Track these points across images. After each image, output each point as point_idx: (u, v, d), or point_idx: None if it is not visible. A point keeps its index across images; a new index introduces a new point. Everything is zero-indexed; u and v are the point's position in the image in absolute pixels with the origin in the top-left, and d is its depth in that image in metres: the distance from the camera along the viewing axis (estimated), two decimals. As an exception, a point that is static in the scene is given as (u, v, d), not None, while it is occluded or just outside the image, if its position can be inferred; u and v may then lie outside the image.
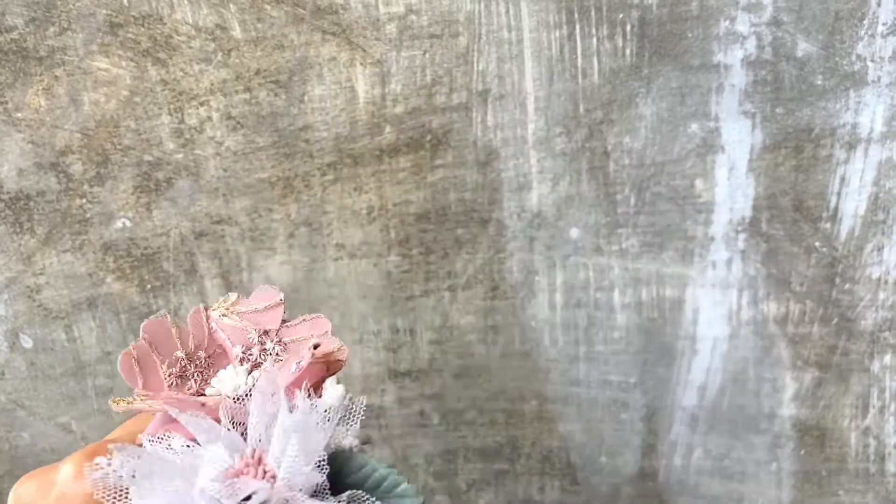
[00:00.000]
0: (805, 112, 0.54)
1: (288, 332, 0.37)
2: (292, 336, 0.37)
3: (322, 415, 0.32)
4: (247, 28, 0.53)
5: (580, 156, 0.56)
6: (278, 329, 0.37)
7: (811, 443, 0.62)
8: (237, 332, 0.37)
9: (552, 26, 0.53)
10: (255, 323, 0.37)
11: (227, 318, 0.37)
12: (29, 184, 0.56)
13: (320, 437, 0.31)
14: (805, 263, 0.57)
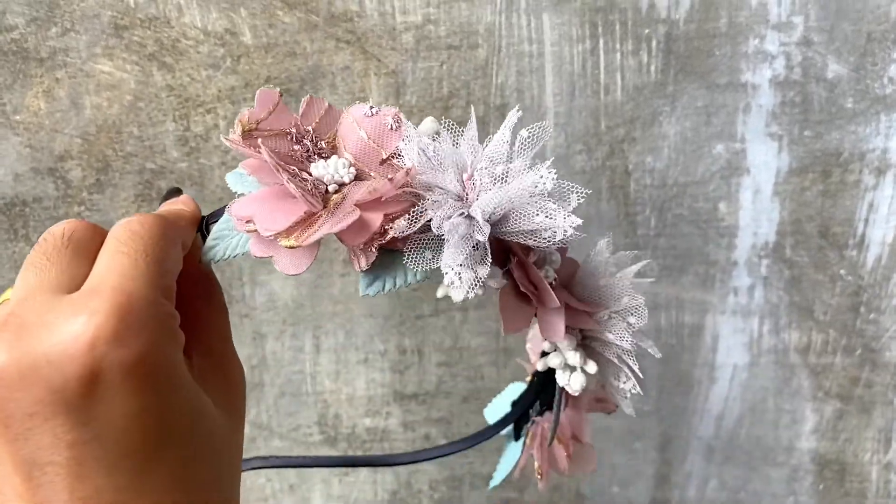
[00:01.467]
0: (834, 135, 0.52)
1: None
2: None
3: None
4: (258, 34, 0.51)
5: (600, 174, 0.54)
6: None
7: (830, 477, 0.60)
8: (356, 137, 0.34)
9: (575, 40, 0.51)
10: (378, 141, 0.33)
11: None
12: (25, 189, 0.54)
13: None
14: (829, 292, 0.55)
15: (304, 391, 0.60)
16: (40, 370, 0.24)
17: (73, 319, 0.24)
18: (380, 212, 0.30)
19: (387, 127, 0.33)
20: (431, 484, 0.63)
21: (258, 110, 0.33)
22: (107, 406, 0.24)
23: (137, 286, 0.26)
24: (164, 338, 0.26)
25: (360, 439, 0.62)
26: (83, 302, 0.25)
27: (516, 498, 0.63)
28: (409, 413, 0.61)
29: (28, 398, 0.24)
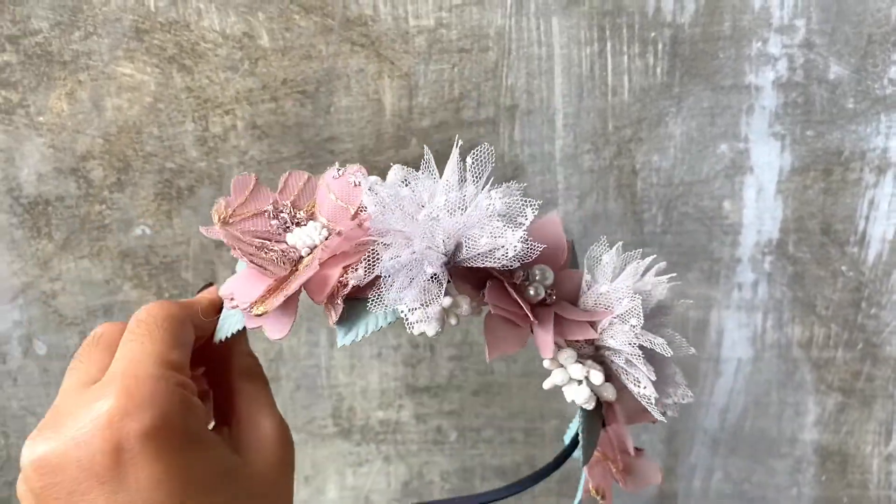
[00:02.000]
0: (835, 135, 0.53)
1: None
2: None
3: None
4: (275, 37, 0.52)
5: (608, 173, 0.55)
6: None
7: (833, 469, 0.61)
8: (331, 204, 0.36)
9: (583, 43, 0.52)
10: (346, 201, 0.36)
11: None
12: (48, 188, 0.56)
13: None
14: (831, 287, 0.57)
15: (319, 384, 0.62)
16: (71, 453, 0.28)
17: (94, 405, 0.28)
18: (339, 265, 0.32)
19: (351, 184, 0.35)
20: (443, 475, 0.65)
21: (234, 197, 0.36)
22: (133, 474, 0.28)
23: (143, 366, 0.30)
24: (175, 405, 0.29)
25: (374, 431, 0.63)
26: (100, 389, 0.29)
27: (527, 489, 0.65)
28: (421, 406, 0.62)
29: (66, 479, 0.28)
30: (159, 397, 0.29)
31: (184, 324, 0.34)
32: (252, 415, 0.35)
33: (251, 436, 0.34)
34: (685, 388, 0.34)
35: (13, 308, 0.59)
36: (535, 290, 0.33)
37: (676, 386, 0.34)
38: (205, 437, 0.30)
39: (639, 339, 0.33)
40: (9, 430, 0.62)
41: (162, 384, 0.29)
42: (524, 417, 0.62)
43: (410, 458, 0.64)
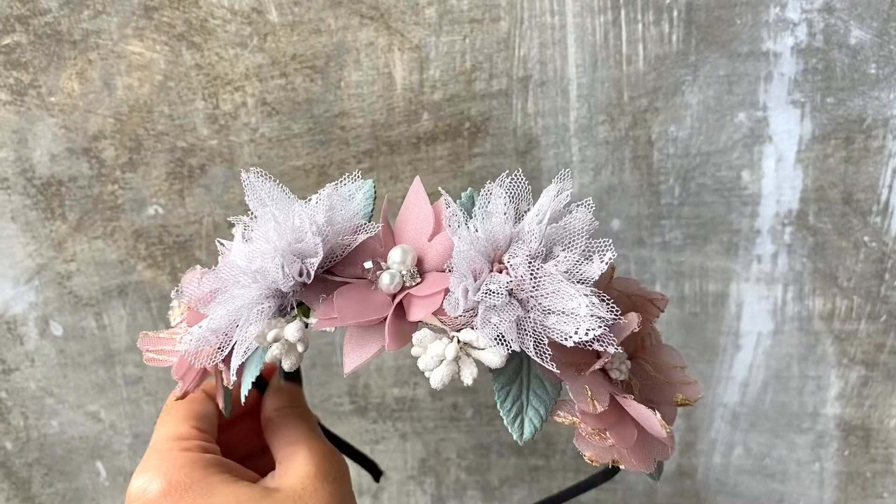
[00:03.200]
0: (857, 102, 0.52)
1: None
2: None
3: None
4: (283, 12, 0.52)
5: (623, 145, 0.54)
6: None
7: (856, 443, 0.60)
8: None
9: (597, 11, 0.51)
10: None
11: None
12: (61, 169, 0.56)
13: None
14: (853, 258, 0.55)
15: (334, 362, 0.61)
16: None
17: (132, 484, 0.35)
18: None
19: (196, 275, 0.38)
20: (459, 452, 0.64)
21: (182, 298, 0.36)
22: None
23: (158, 439, 0.37)
24: (180, 466, 0.35)
25: (390, 409, 0.63)
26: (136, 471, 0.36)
27: (543, 465, 0.64)
28: (436, 383, 0.62)
29: None
30: (165, 465, 0.35)
31: (195, 400, 0.40)
32: (286, 450, 0.38)
33: (284, 467, 0.37)
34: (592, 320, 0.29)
35: (29, 289, 0.59)
36: (389, 279, 0.32)
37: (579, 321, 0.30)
38: (217, 481, 0.35)
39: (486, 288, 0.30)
40: (27, 411, 0.63)
41: (167, 454, 0.35)
42: (541, 394, 0.61)
43: (427, 435, 0.64)
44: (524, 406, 0.31)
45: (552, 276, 0.30)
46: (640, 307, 0.34)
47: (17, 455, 0.64)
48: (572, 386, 0.31)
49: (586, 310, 0.29)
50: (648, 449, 0.32)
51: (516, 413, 0.31)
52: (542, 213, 0.31)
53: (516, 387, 0.32)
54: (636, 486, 0.64)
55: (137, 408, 0.63)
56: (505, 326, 0.29)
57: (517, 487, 0.65)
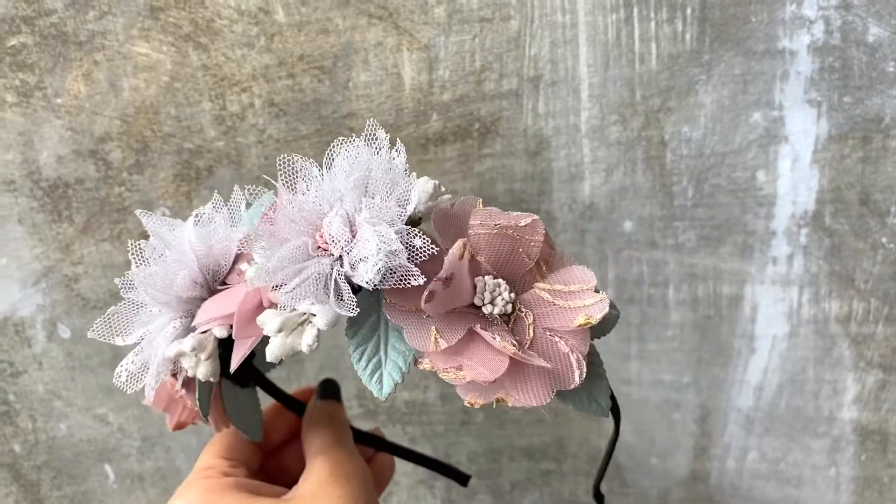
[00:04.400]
0: (875, 101, 0.51)
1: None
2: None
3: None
4: (290, 12, 0.51)
5: (636, 145, 0.53)
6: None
7: (872, 448, 0.59)
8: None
9: (608, 9, 0.50)
10: None
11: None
12: (68, 171, 0.55)
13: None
14: (870, 260, 0.54)
15: (342, 365, 0.61)
16: None
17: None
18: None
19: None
20: (470, 456, 0.64)
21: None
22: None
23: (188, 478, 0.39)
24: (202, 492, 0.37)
25: (400, 412, 0.62)
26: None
27: (554, 469, 0.63)
28: (447, 386, 0.61)
29: None
30: (188, 493, 0.37)
31: (224, 435, 0.42)
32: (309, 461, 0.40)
33: (302, 477, 0.39)
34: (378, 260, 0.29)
35: (36, 292, 0.58)
36: (254, 272, 0.32)
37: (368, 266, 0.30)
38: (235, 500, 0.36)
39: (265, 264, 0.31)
40: (36, 414, 0.62)
41: (191, 484, 0.38)
42: (552, 397, 0.61)
43: (437, 438, 0.63)
44: (383, 362, 0.31)
45: (363, 226, 0.30)
46: (517, 237, 0.33)
47: (25, 458, 0.64)
48: (417, 332, 0.30)
49: (376, 249, 0.29)
50: (537, 379, 0.31)
51: (373, 370, 0.31)
52: (352, 168, 0.31)
53: (373, 344, 0.31)
54: (650, 491, 0.63)
55: (145, 411, 0.62)
56: (305, 285, 0.30)
57: (528, 491, 0.65)
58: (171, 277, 0.34)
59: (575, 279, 0.32)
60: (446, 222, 0.32)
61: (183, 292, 0.34)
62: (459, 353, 0.30)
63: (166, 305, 0.34)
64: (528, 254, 0.32)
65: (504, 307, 0.31)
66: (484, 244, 0.31)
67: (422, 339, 0.30)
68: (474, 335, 0.31)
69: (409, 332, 0.30)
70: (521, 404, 0.31)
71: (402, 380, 0.31)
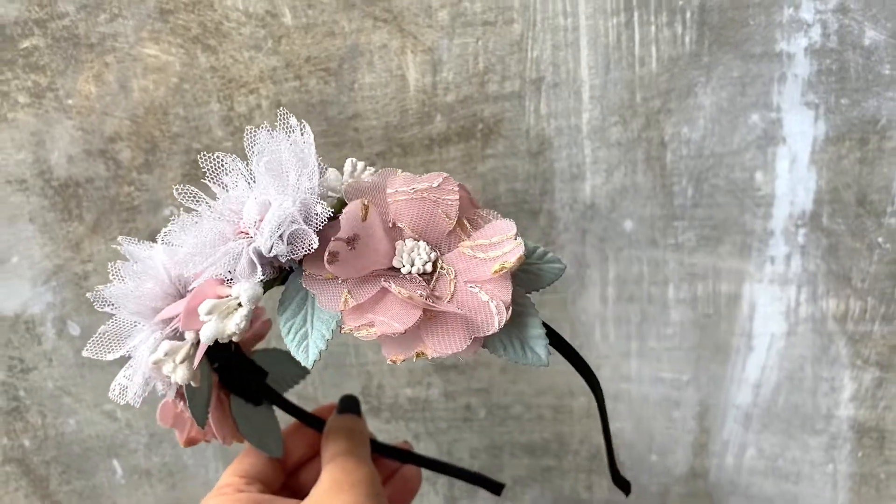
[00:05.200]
0: (871, 103, 0.52)
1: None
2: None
3: None
4: (297, 15, 0.52)
5: (636, 146, 0.54)
6: None
7: (870, 445, 0.60)
8: None
9: (609, 13, 0.51)
10: None
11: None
12: (78, 171, 0.56)
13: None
14: (867, 260, 0.55)
15: (347, 363, 0.62)
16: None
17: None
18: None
19: None
20: (472, 452, 0.65)
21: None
22: None
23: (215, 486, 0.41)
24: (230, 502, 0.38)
25: (403, 409, 0.63)
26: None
27: (555, 465, 0.64)
28: (449, 383, 0.62)
29: None
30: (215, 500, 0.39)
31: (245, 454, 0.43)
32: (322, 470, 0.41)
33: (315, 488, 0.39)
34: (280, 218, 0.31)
35: (47, 290, 0.59)
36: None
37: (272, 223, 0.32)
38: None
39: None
40: (45, 410, 0.63)
41: (208, 502, 0.39)
42: (552, 394, 0.62)
43: (440, 435, 0.64)
44: (309, 332, 0.32)
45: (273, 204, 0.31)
46: (435, 200, 0.33)
47: (35, 453, 0.65)
48: (328, 295, 0.32)
49: (275, 217, 0.31)
50: (453, 328, 0.31)
51: (300, 340, 0.32)
52: (259, 154, 0.33)
53: (300, 318, 0.33)
54: (649, 487, 0.64)
55: (153, 408, 0.63)
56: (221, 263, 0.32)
57: (529, 488, 0.65)
58: (145, 291, 0.35)
59: (496, 231, 0.33)
60: (358, 194, 0.33)
61: (156, 303, 0.35)
62: (370, 310, 0.31)
63: (145, 318, 0.36)
64: (447, 213, 0.33)
65: (423, 266, 0.32)
66: (403, 210, 0.32)
67: (332, 301, 0.31)
68: (386, 293, 0.32)
69: (320, 296, 0.32)
70: (439, 353, 0.31)
71: (325, 346, 0.32)
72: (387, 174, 0.34)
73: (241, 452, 0.43)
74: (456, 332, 0.31)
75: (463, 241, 0.33)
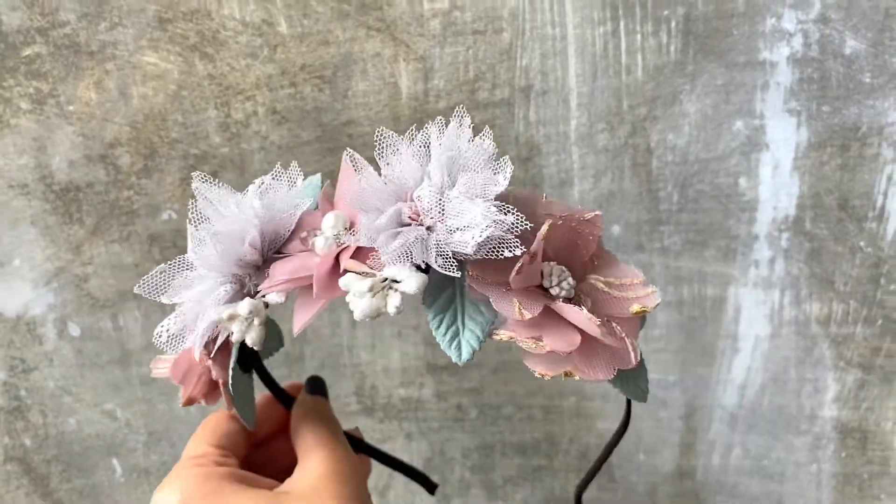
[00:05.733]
0: (852, 110, 0.53)
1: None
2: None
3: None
4: (293, 24, 0.54)
5: (623, 152, 0.56)
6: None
7: (853, 445, 0.61)
8: None
9: (596, 22, 0.53)
10: None
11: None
12: (79, 175, 0.58)
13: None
14: (849, 263, 0.57)
15: (342, 363, 0.63)
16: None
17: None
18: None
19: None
20: (464, 452, 0.66)
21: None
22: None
23: (180, 460, 0.39)
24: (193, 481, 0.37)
25: (396, 409, 0.65)
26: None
27: (546, 465, 0.66)
28: (441, 384, 0.63)
29: None
30: (181, 481, 0.37)
31: (218, 422, 0.42)
32: (303, 454, 0.40)
33: (298, 470, 0.39)
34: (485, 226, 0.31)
35: (48, 291, 0.61)
36: (322, 242, 0.34)
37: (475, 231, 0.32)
38: (230, 490, 0.37)
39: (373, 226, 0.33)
40: (46, 409, 0.65)
41: (184, 471, 0.38)
42: (542, 395, 0.63)
43: (432, 434, 0.65)
44: (460, 330, 0.33)
45: (457, 199, 0.32)
46: (578, 230, 0.35)
47: (36, 451, 0.66)
48: (501, 302, 0.32)
49: (481, 218, 0.31)
50: (603, 357, 0.33)
51: (452, 337, 0.33)
52: (444, 147, 0.33)
53: (450, 314, 0.33)
54: (637, 486, 0.65)
55: (152, 406, 0.65)
56: (404, 248, 0.32)
57: (520, 486, 0.67)
58: (233, 241, 0.34)
59: (625, 273, 0.35)
60: (520, 207, 0.35)
61: (243, 257, 0.35)
62: (538, 325, 0.33)
63: (217, 270, 0.35)
64: (586, 247, 0.35)
65: (569, 291, 0.34)
66: (554, 234, 0.34)
67: (508, 308, 0.32)
68: (550, 311, 0.33)
69: (495, 300, 0.32)
70: (588, 378, 0.33)
71: (479, 347, 0.32)
72: (534, 194, 0.36)
73: (212, 420, 0.42)
74: (605, 361, 0.33)
75: (590, 273, 0.35)
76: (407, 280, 0.32)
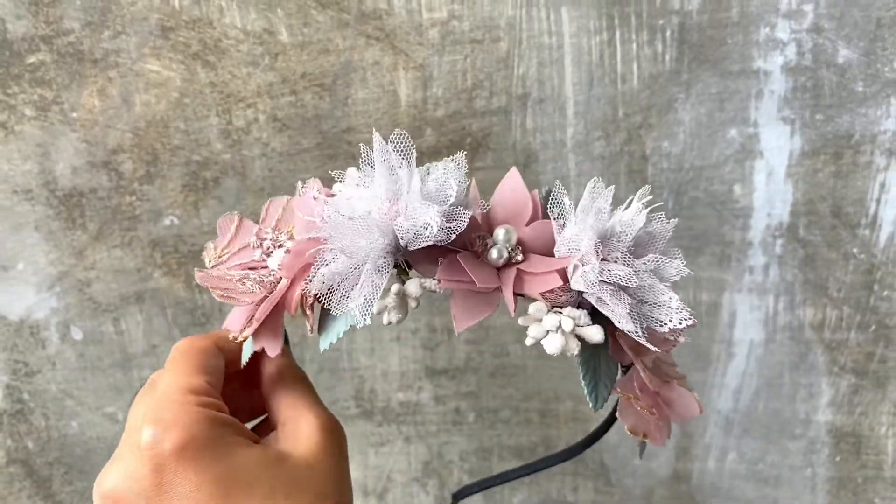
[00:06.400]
0: (845, 118, 0.54)
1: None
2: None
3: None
4: (293, 32, 0.54)
5: (619, 159, 0.56)
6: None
7: (847, 449, 0.62)
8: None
9: (592, 32, 0.54)
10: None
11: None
12: (82, 181, 0.58)
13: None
14: (843, 269, 0.57)
15: (341, 367, 0.64)
16: (124, 485, 0.32)
17: (135, 438, 0.33)
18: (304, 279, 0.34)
19: (311, 200, 0.36)
20: (462, 455, 0.66)
21: (220, 239, 0.38)
22: (176, 486, 0.32)
23: (169, 396, 0.34)
24: (197, 422, 0.33)
25: (395, 412, 0.65)
26: (141, 424, 0.33)
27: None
28: (439, 388, 0.64)
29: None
30: (182, 419, 0.32)
31: (207, 352, 0.38)
32: (290, 412, 0.38)
33: (290, 430, 0.37)
34: (683, 312, 0.34)
35: (51, 296, 0.62)
36: (497, 253, 0.34)
37: (671, 312, 0.34)
38: (233, 442, 0.34)
39: (602, 276, 0.33)
40: (49, 412, 0.65)
41: (184, 407, 0.33)
42: (539, 399, 0.64)
43: (430, 438, 0.66)
44: (598, 380, 0.35)
45: (646, 273, 0.34)
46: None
47: (38, 454, 0.67)
48: (636, 367, 0.36)
49: (677, 303, 0.33)
50: (668, 429, 0.38)
51: (594, 384, 0.35)
52: (630, 218, 0.35)
53: (594, 362, 0.35)
54: (633, 490, 0.66)
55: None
56: (624, 310, 0.33)
57: (517, 490, 0.67)
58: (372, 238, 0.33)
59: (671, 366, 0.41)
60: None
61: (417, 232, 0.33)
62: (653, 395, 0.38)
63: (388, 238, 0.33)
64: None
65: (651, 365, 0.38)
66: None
67: (642, 375, 0.36)
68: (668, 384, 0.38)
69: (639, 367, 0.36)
70: (656, 443, 0.38)
71: (607, 399, 0.35)
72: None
73: (196, 346, 0.38)
74: (667, 433, 0.39)
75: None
76: (594, 330, 0.33)
